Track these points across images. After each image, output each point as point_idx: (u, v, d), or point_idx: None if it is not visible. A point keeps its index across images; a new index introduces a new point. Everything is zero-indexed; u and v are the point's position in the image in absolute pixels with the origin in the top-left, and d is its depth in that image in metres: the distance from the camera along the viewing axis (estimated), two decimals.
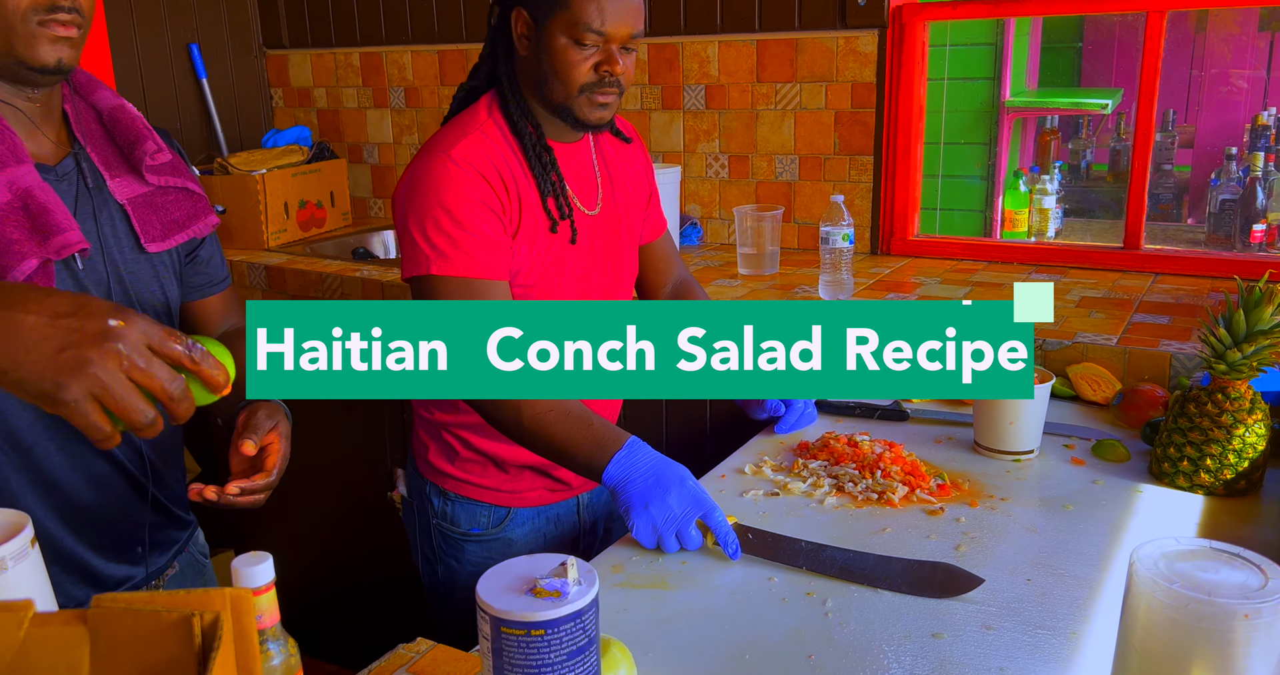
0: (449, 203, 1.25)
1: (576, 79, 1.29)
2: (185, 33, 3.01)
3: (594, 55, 1.28)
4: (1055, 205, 3.23)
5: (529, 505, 1.48)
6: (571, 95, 1.30)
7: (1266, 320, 1.28)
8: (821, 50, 2.37)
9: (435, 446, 1.47)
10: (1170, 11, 2.11)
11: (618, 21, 1.27)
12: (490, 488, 1.46)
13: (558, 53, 1.28)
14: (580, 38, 1.27)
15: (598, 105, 1.31)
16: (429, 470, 1.49)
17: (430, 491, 1.49)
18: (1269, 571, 0.72)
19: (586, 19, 1.26)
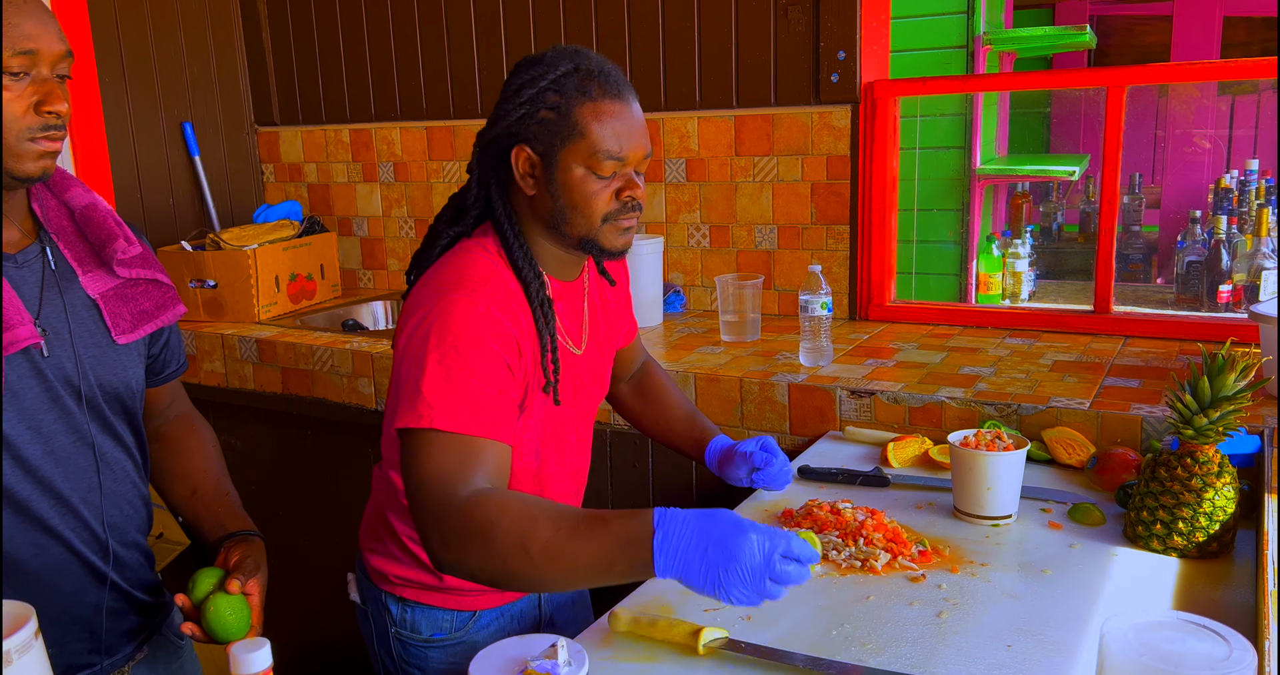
0: (471, 349, 1.14)
1: (599, 209, 1.23)
2: (179, 111, 3.09)
3: (614, 182, 1.23)
4: (1028, 268, 3.32)
5: (492, 606, 1.44)
6: (595, 227, 1.24)
7: (1230, 386, 1.32)
8: (797, 125, 2.46)
9: (394, 556, 1.41)
10: (1130, 86, 2.20)
11: (634, 144, 1.23)
12: (452, 591, 1.40)
13: (575, 185, 1.21)
14: (598, 167, 1.20)
15: (622, 231, 1.26)
16: (383, 580, 1.43)
17: (387, 600, 1.43)
18: (1233, 642, 0.75)
19: (605, 146, 1.20)
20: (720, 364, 2.11)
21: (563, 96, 1.20)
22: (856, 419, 1.90)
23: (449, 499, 1.07)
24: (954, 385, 1.87)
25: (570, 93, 1.20)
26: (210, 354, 2.67)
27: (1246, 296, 2.93)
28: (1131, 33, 5.43)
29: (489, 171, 1.27)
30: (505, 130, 1.23)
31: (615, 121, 1.21)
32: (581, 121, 1.19)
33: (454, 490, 1.08)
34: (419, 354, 1.14)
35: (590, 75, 1.21)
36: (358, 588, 1.50)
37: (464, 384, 1.12)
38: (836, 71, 2.39)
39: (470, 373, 1.13)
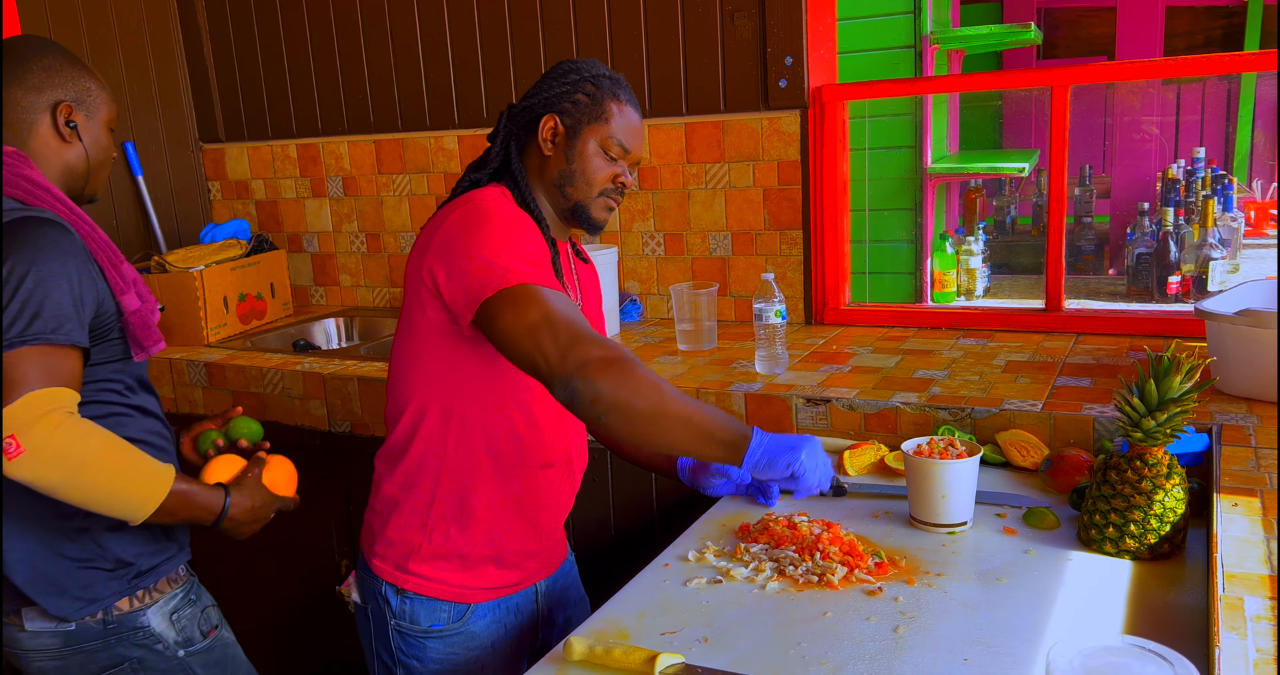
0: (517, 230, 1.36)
1: (599, 182, 1.47)
2: (120, 131, 3.02)
3: (615, 167, 1.47)
4: (982, 264, 3.35)
5: (489, 599, 1.50)
6: (591, 197, 1.47)
7: (1176, 388, 1.33)
8: (747, 131, 2.46)
9: (394, 547, 1.48)
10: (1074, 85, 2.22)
11: (638, 145, 1.50)
12: (451, 584, 1.48)
13: (588, 157, 1.45)
14: (609, 150, 1.46)
15: (608, 208, 1.50)
16: (385, 571, 1.49)
17: (387, 592, 1.49)
18: (1177, 666, 0.75)
19: (620, 136, 1.46)
20: (678, 373, 2.10)
21: (598, 89, 1.46)
22: (813, 426, 1.90)
23: (585, 332, 1.25)
24: (909, 390, 1.88)
25: (605, 88, 1.46)
26: (158, 379, 2.62)
27: (1195, 287, 2.97)
28: (1078, 25, 5.50)
29: (511, 135, 1.48)
30: (542, 101, 1.45)
31: (629, 122, 1.48)
32: (608, 110, 1.45)
33: (584, 327, 1.26)
34: (470, 242, 1.32)
35: (618, 83, 1.48)
36: (358, 587, 1.56)
37: (529, 258, 1.32)
38: (784, 77, 2.39)
39: (531, 250, 1.34)
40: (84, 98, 1.51)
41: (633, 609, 1.31)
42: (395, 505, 1.48)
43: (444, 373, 1.42)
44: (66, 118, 1.48)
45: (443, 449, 1.44)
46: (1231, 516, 1.27)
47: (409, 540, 1.47)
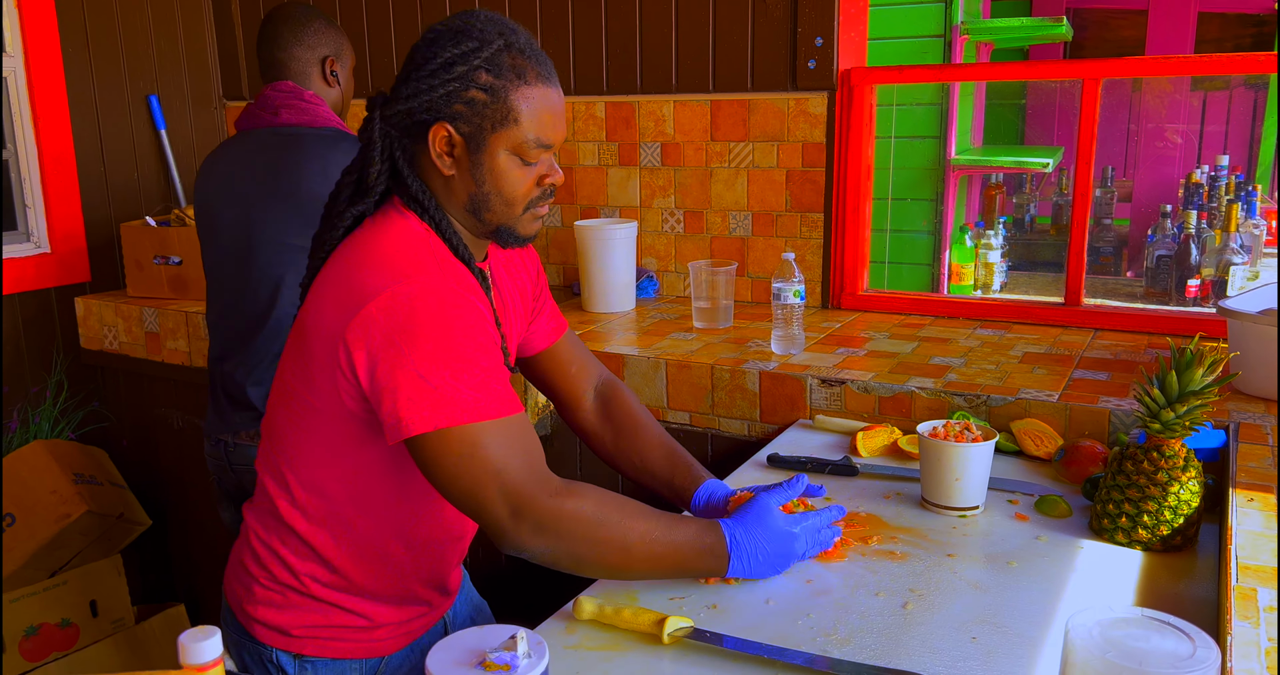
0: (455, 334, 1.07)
1: (523, 197, 1.17)
2: (144, 84, 3.02)
3: (538, 168, 1.17)
4: (1000, 259, 3.33)
5: (401, 647, 1.30)
6: (515, 215, 1.18)
7: (1198, 381, 1.33)
8: (773, 111, 2.44)
9: (286, 609, 1.23)
10: (1105, 79, 2.20)
11: (561, 129, 1.18)
12: (362, 641, 1.25)
13: (501, 173, 1.15)
14: (526, 154, 1.15)
15: (537, 218, 1.21)
16: (275, 636, 1.23)
17: (280, 658, 1.24)
18: (1197, 639, 0.75)
19: (537, 134, 1.14)
20: (692, 350, 2.09)
21: (497, 77, 1.12)
22: (827, 408, 1.89)
23: (543, 486, 1.09)
24: (924, 375, 1.87)
25: (505, 74, 1.12)
26: (174, 332, 2.62)
27: (1215, 291, 2.95)
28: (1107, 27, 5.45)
29: (393, 145, 1.17)
30: (425, 104, 1.13)
31: (545, 107, 1.15)
32: (516, 107, 1.13)
33: (542, 477, 1.09)
34: (401, 351, 1.05)
35: (523, 54, 1.14)
36: (234, 653, 1.28)
37: (471, 364, 1.07)
38: (814, 58, 2.37)
39: (470, 351, 1.07)
40: (340, 52, 1.95)
41: None
42: (278, 575, 1.22)
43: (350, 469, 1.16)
44: (331, 68, 1.93)
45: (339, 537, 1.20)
46: (1247, 511, 1.27)
47: (297, 604, 1.23)
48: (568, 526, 1.08)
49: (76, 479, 2.58)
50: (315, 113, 1.86)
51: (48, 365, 2.85)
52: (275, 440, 1.21)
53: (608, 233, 2.45)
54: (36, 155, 2.78)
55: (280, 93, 1.88)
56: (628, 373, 2.07)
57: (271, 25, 1.92)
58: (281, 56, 1.90)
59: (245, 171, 1.85)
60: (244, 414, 1.87)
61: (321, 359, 1.11)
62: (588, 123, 2.67)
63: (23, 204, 2.80)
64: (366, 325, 1.06)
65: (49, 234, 2.83)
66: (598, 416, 1.48)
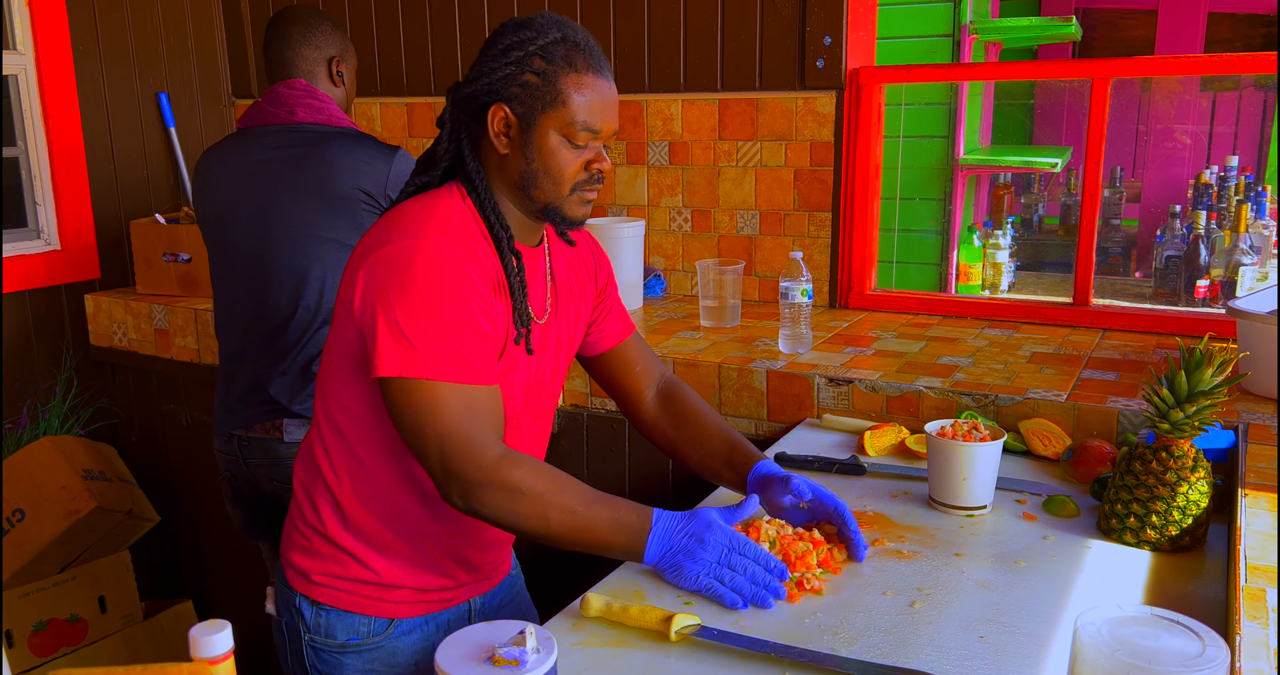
0: (443, 297, 1.15)
1: (569, 178, 1.24)
2: (154, 82, 3.03)
3: (586, 153, 1.24)
4: (1008, 259, 3.33)
5: (415, 614, 1.34)
6: (563, 195, 1.25)
7: (1207, 381, 1.33)
8: (781, 110, 2.44)
9: (311, 555, 1.31)
10: (1115, 78, 2.20)
11: (610, 119, 1.25)
12: (372, 598, 1.31)
13: (550, 152, 1.23)
14: (574, 137, 1.22)
15: (585, 202, 1.28)
16: (299, 580, 1.32)
17: (301, 603, 1.32)
18: (1206, 639, 0.75)
19: (584, 118, 1.22)
20: (699, 349, 2.09)
21: (550, 63, 1.21)
22: (834, 407, 1.89)
23: (473, 457, 1.15)
24: (932, 375, 1.87)
25: (557, 61, 1.21)
26: (183, 329, 2.63)
27: (1224, 292, 2.94)
28: (1116, 27, 5.43)
29: (460, 126, 1.27)
30: (486, 87, 1.23)
31: (595, 95, 1.23)
32: (565, 91, 1.21)
33: (476, 447, 1.15)
34: (391, 297, 1.15)
35: (577, 47, 1.23)
36: (275, 598, 1.39)
37: (449, 330, 1.15)
38: (822, 57, 2.37)
39: (453, 317, 1.15)
40: (345, 53, 1.98)
41: (648, 570, 1.31)
42: (309, 517, 1.31)
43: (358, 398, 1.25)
44: (337, 69, 1.96)
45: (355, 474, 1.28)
46: (1256, 511, 1.27)
47: (320, 550, 1.31)
48: (492, 495, 1.14)
49: (86, 475, 2.59)
50: (330, 112, 1.90)
51: (57, 362, 2.87)
52: (320, 384, 1.31)
53: (615, 231, 2.45)
54: (47, 153, 2.79)
55: (295, 91, 1.89)
56: None
57: (280, 25, 1.94)
58: (289, 55, 1.92)
59: (266, 169, 1.85)
60: (260, 408, 1.87)
61: (344, 295, 1.23)
62: None
63: (33, 201, 2.81)
64: (372, 268, 1.18)
65: (59, 231, 2.84)
66: (658, 409, 1.53)
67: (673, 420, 1.52)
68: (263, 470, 1.89)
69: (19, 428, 2.76)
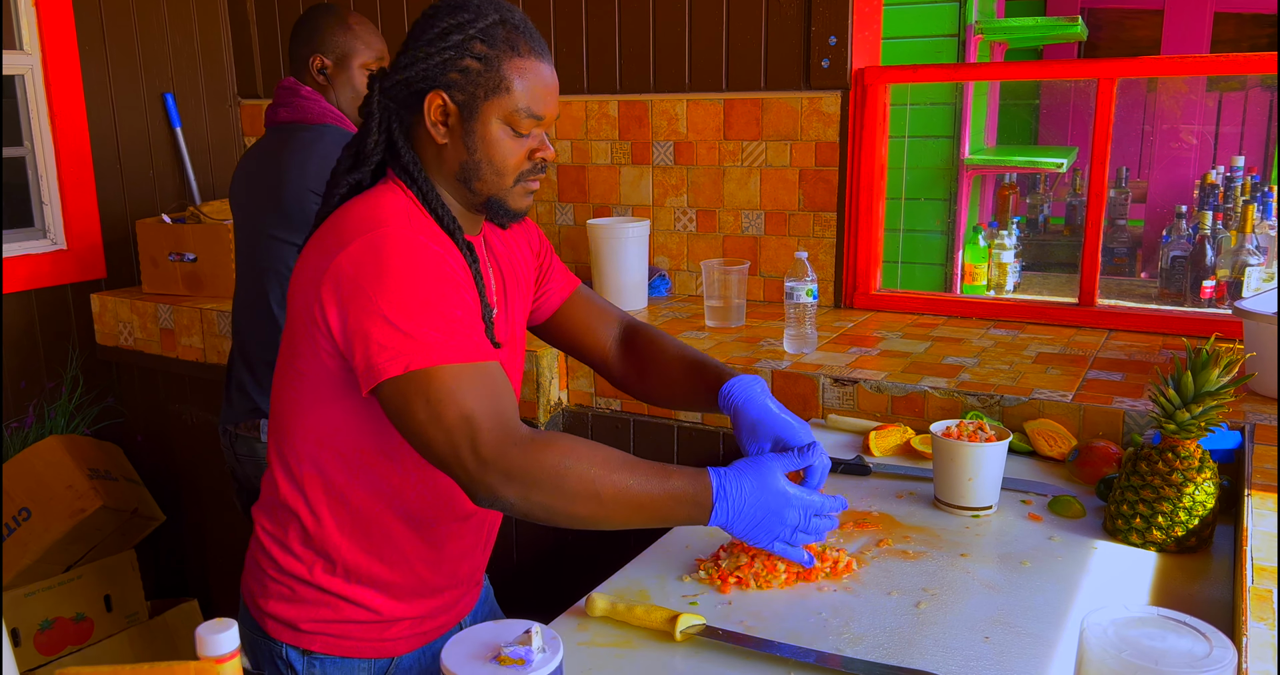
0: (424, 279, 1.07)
1: (513, 168, 1.18)
2: (160, 82, 3.03)
3: (529, 142, 1.18)
4: (1013, 259, 3.32)
5: (413, 648, 1.28)
6: (506, 187, 1.19)
7: (1213, 382, 1.32)
8: (786, 110, 2.44)
9: (295, 603, 1.22)
10: (1121, 78, 2.19)
11: (552, 104, 1.18)
12: (371, 640, 1.24)
13: (493, 141, 1.16)
14: (518, 125, 1.16)
15: (528, 193, 1.21)
16: (284, 630, 1.23)
17: (290, 654, 1.23)
18: (1213, 640, 0.75)
19: (528, 104, 1.15)
20: (705, 349, 2.09)
21: (491, 47, 1.14)
22: (839, 407, 1.89)
23: (508, 436, 1.04)
24: (937, 375, 1.87)
25: (499, 45, 1.14)
26: (188, 328, 2.64)
27: (1230, 292, 2.94)
28: (1122, 27, 5.42)
29: (390, 115, 1.18)
30: (421, 73, 1.15)
31: (539, 81, 1.16)
32: (508, 76, 1.14)
33: (510, 425, 1.05)
34: (370, 294, 1.05)
35: (517, 29, 1.16)
36: (247, 650, 1.27)
37: (438, 311, 1.06)
38: (827, 57, 2.37)
39: (438, 297, 1.07)
40: (331, 49, 1.91)
41: (654, 571, 1.31)
42: (285, 565, 1.22)
43: (337, 429, 1.16)
44: (318, 65, 1.91)
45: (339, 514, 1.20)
46: (1262, 512, 1.26)
47: (306, 597, 1.22)
48: (535, 475, 1.03)
49: (92, 474, 2.59)
50: (307, 109, 1.89)
51: (63, 361, 2.87)
52: (275, 418, 1.21)
53: (620, 231, 2.45)
54: (53, 152, 2.80)
55: (281, 89, 1.93)
56: None
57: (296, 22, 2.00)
58: (289, 53, 1.97)
59: (248, 169, 1.96)
60: (242, 406, 1.93)
61: (302, 319, 1.12)
62: (600, 121, 2.67)
63: (39, 201, 2.82)
64: (336, 276, 1.07)
65: (65, 231, 2.85)
66: (623, 359, 1.46)
67: (637, 366, 1.44)
68: (248, 466, 1.93)
69: (25, 427, 2.77)
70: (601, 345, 1.46)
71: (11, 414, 2.76)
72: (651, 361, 1.43)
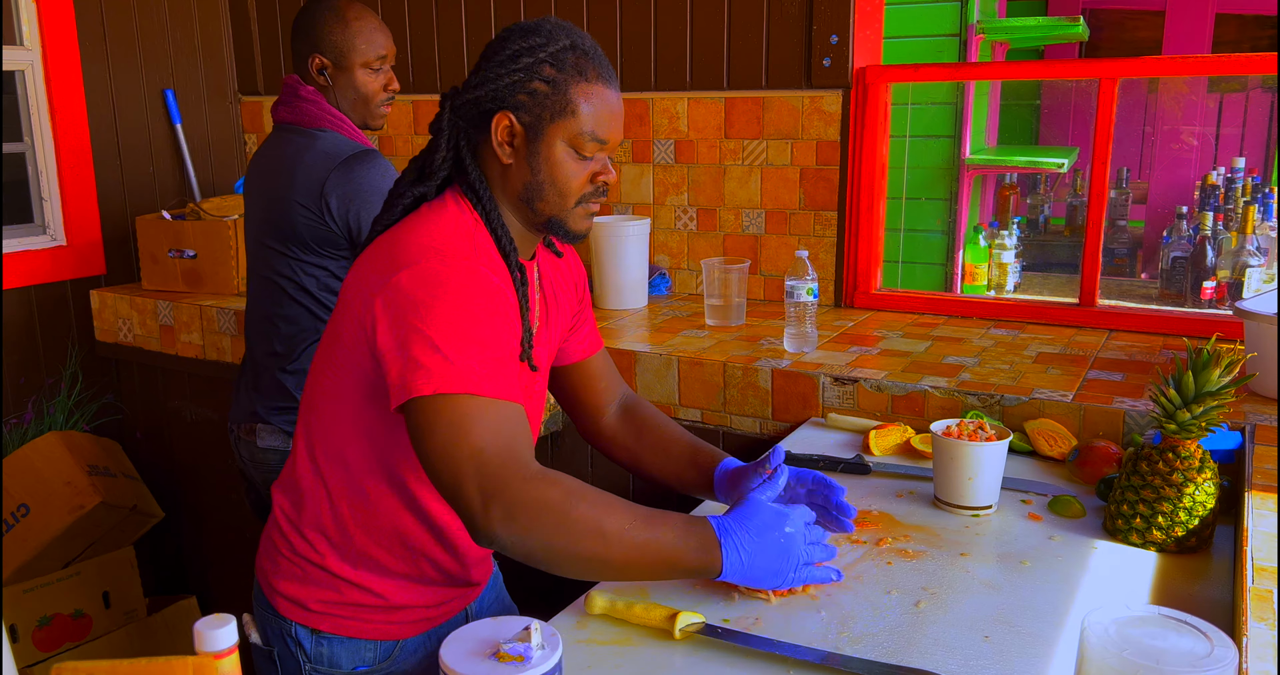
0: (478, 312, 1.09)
1: (576, 190, 1.20)
2: (160, 78, 3.03)
3: (592, 165, 1.21)
4: (1014, 259, 3.32)
5: (419, 632, 1.30)
6: (568, 208, 1.21)
7: (1214, 382, 1.32)
8: (788, 108, 2.44)
9: (306, 583, 1.25)
10: (1122, 78, 2.19)
11: (616, 130, 1.21)
12: (377, 622, 1.27)
13: (557, 163, 1.18)
14: (582, 148, 1.18)
15: (589, 215, 1.24)
16: (294, 609, 1.26)
17: (299, 632, 1.26)
18: (1214, 639, 0.74)
19: (593, 128, 1.18)
20: (704, 348, 2.09)
21: (560, 71, 1.17)
22: (839, 406, 1.89)
23: (518, 471, 1.04)
24: (937, 375, 1.87)
25: (568, 69, 1.17)
26: (188, 325, 2.64)
27: (1230, 293, 2.93)
28: (1123, 28, 5.42)
29: (460, 133, 1.22)
30: (490, 94, 1.18)
31: (604, 106, 1.19)
32: (574, 100, 1.17)
33: (520, 462, 1.05)
34: (422, 314, 1.07)
35: (586, 55, 1.19)
36: (259, 626, 1.31)
37: (484, 345, 1.08)
38: (829, 55, 2.37)
39: (487, 333, 1.09)
40: (327, 48, 1.85)
41: None
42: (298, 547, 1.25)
43: (369, 428, 1.19)
44: (317, 66, 1.86)
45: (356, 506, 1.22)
46: (1262, 512, 1.26)
47: (316, 578, 1.25)
48: (537, 512, 1.02)
49: (91, 470, 2.59)
50: (304, 111, 1.85)
51: (63, 357, 2.87)
52: (308, 411, 1.24)
53: (620, 230, 2.45)
54: (53, 148, 2.80)
55: (285, 86, 1.90)
56: (639, 370, 2.07)
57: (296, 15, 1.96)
58: (290, 48, 1.93)
59: (253, 171, 1.95)
60: (245, 407, 1.93)
61: (352, 322, 1.15)
62: None
63: (39, 197, 2.82)
64: (395, 290, 1.10)
65: (65, 227, 2.84)
66: (619, 422, 1.49)
67: (634, 431, 1.48)
68: (249, 467, 1.94)
69: (24, 423, 2.77)
70: (600, 408, 1.49)
71: (11, 410, 2.76)
72: (651, 436, 1.47)
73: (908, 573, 1.29)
